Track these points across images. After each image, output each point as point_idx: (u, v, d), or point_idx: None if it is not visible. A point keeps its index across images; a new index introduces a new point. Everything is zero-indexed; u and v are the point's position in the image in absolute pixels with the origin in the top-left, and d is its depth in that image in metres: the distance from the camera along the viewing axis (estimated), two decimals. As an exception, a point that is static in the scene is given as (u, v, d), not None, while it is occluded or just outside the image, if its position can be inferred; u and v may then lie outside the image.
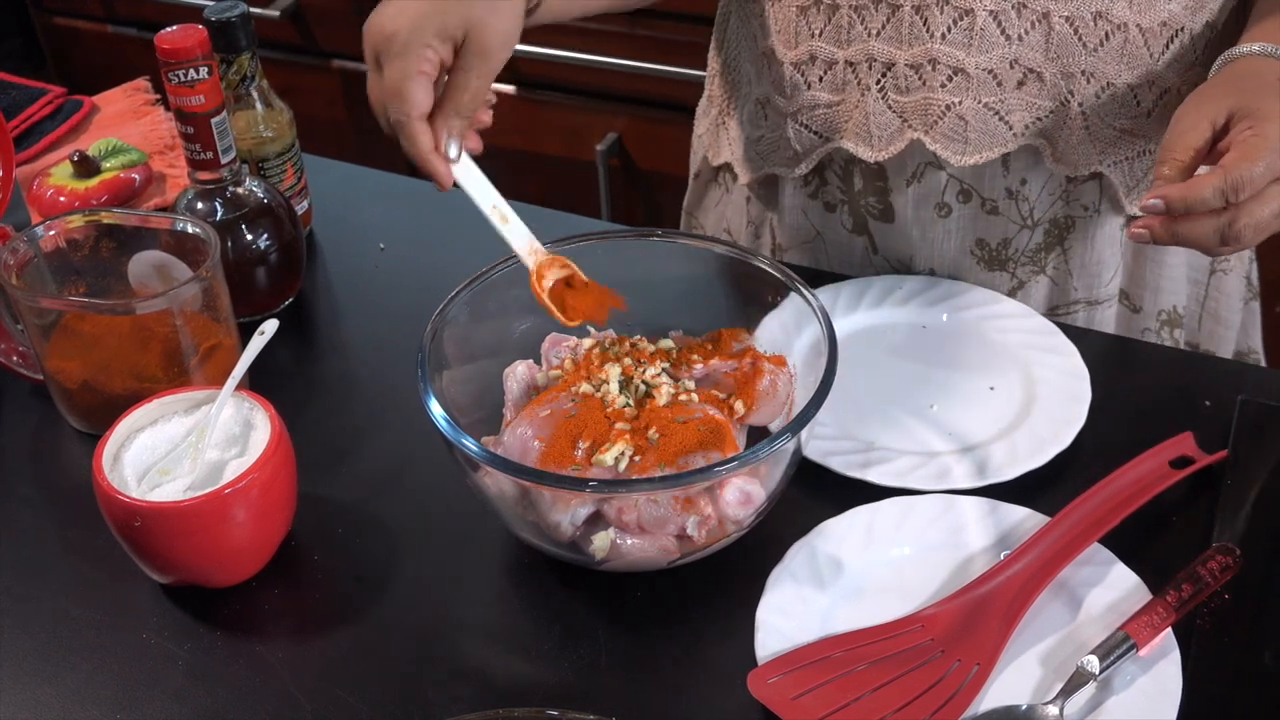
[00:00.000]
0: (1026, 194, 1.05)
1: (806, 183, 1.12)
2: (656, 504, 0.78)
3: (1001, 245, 1.07)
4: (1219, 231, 0.81)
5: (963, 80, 0.98)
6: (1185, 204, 0.81)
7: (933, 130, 1.00)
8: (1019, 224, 1.06)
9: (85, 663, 0.80)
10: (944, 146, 1.00)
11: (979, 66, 0.97)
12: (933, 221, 1.07)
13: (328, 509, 0.89)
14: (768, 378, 0.86)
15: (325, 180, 1.21)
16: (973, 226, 1.07)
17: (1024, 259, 1.08)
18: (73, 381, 0.94)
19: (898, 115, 1.01)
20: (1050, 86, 0.98)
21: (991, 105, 0.98)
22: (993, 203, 1.05)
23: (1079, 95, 0.98)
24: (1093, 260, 1.08)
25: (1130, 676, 0.75)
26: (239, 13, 1.04)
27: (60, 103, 1.28)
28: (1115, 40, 0.96)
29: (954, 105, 0.98)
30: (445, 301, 0.87)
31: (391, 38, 0.82)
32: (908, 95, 0.99)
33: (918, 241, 1.08)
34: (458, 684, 0.78)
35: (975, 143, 1.00)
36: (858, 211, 1.10)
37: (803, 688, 0.75)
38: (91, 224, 0.97)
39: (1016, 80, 0.97)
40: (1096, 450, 0.90)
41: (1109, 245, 1.08)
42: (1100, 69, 0.97)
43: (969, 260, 1.08)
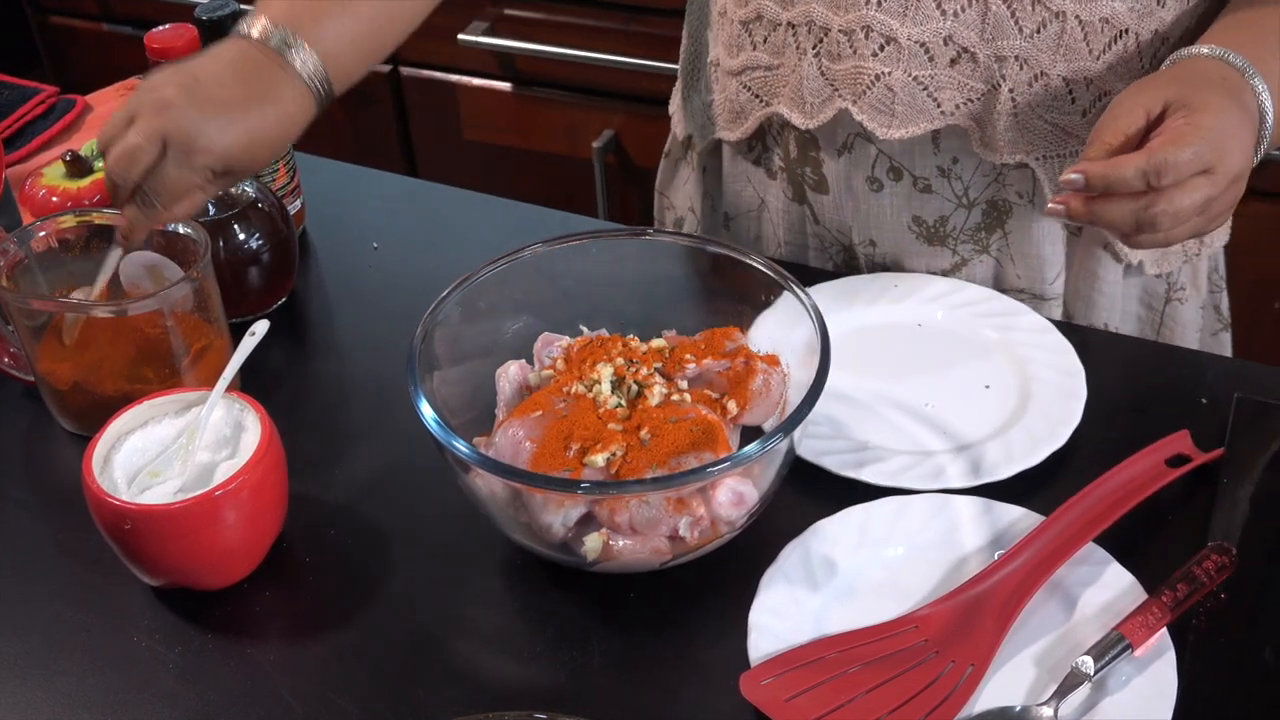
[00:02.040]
0: (959, 173, 1.04)
1: (750, 149, 1.13)
2: (648, 505, 0.78)
3: (939, 223, 1.07)
4: (1135, 215, 0.80)
5: (894, 50, 0.97)
6: (1105, 181, 0.80)
7: (860, 100, 1.00)
8: (954, 202, 1.05)
9: (76, 666, 0.80)
10: (870, 117, 1.00)
11: (911, 38, 0.96)
12: (865, 194, 1.07)
13: (319, 511, 0.89)
14: (761, 377, 0.86)
15: (318, 179, 1.21)
16: (907, 203, 1.06)
17: (964, 237, 1.07)
18: (64, 383, 0.94)
19: (829, 83, 1.01)
20: (983, 69, 0.97)
21: (921, 80, 0.98)
22: (925, 181, 1.05)
23: (1010, 81, 0.97)
24: (1032, 251, 1.07)
25: (1125, 677, 0.74)
26: (230, 11, 1.03)
27: (53, 102, 1.28)
28: (1052, 29, 0.95)
29: (883, 75, 0.98)
30: (436, 302, 0.86)
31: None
32: (839, 63, 1.00)
33: (853, 213, 1.08)
34: (450, 686, 0.78)
35: (902, 116, 0.99)
36: (796, 180, 1.10)
37: (796, 689, 0.74)
38: (83, 224, 0.97)
39: (949, 58, 0.97)
40: (1092, 449, 0.90)
41: (1048, 240, 1.06)
42: (1034, 56, 0.96)
43: (908, 235, 1.08)
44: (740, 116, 1.10)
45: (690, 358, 0.88)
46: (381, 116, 2.08)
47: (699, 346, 0.89)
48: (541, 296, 0.92)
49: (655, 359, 0.87)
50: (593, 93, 1.92)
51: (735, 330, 0.90)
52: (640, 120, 1.90)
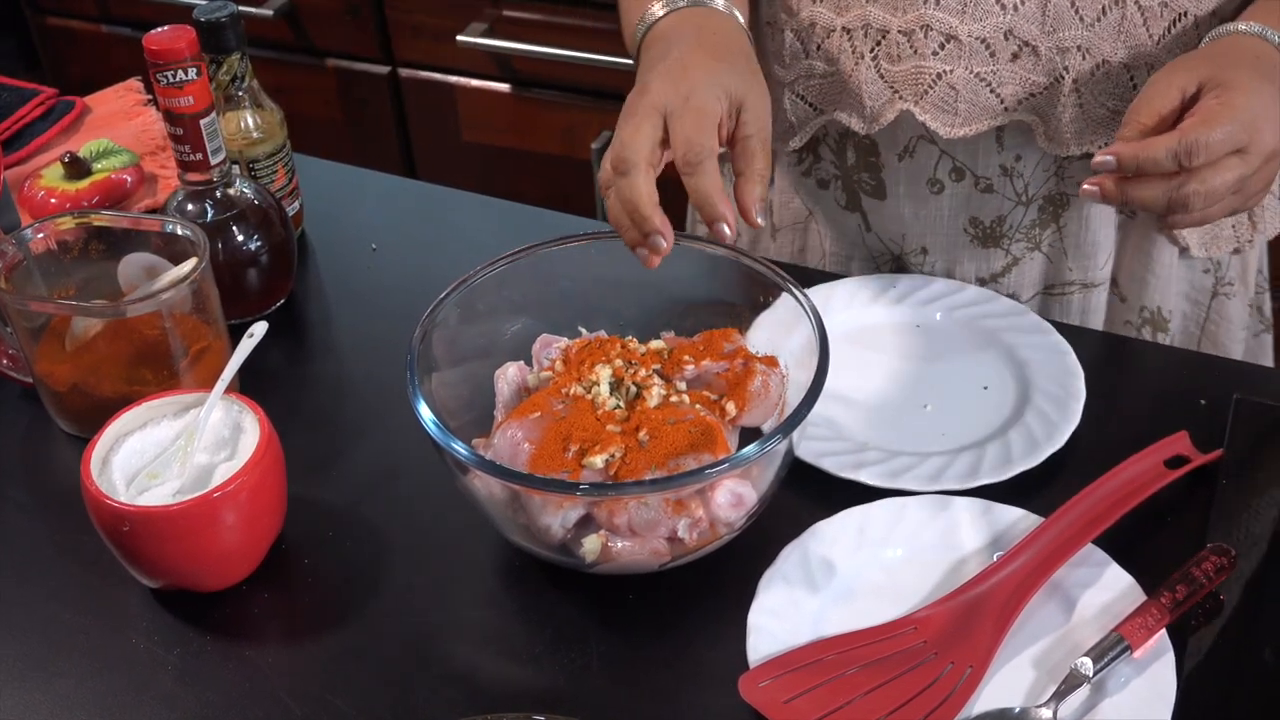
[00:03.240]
0: (1021, 170, 1.04)
1: (800, 160, 1.12)
2: (647, 507, 0.78)
3: (996, 222, 1.06)
4: (1167, 195, 0.80)
5: (955, 48, 0.97)
6: (1137, 162, 0.80)
7: (923, 100, 0.99)
8: (1014, 201, 1.05)
9: (75, 667, 0.80)
10: (933, 117, 0.99)
11: (971, 35, 0.96)
12: (925, 199, 1.06)
13: (318, 512, 0.89)
14: (759, 378, 0.86)
15: (317, 181, 1.20)
16: (966, 205, 1.06)
17: (1019, 235, 1.07)
18: (62, 385, 0.94)
19: (889, 85, 1.00)
20: (1045, 61, 0.97)
21: (983, 76, 0.97)
22: (987, 181, 1.04)
23: (1074, 71, 0.96)
24: (1088, 240, 1.07)
25: (1125, 678, 0.74)
26: (228, 13, 1.03)
27: (52, 104, 1.28)
28: (1113, 15, 0.95)
29: (945, 74, 0.97)
30: (434, 303, 0.86)
31: (686, 94, 0.82)
32: (899, 64, 0.99)
33: (910, 219, 1.07)
34: (448, 688, 0.78)
35: (965, 114, 0.99)
36: (851, 188, 1.09)
37: (794, 691, 0.74)
38: (82, 226, 0.97)
39: (1011, 52, 0.96)
40: (1091, 450, 0.89)
41: (1104, 225, 1.06)
42: (1096, 45, 0.96)
43: (963, 238, 1.07)
44: (794, 127, 1.08)
45: (689, 359, 0.88)
46: (380, 118, 2.08)
47: (698, 348, 0.89)
48: (540, 298, 0.92)
49: (654, 360, 0.87)
50: (591, 94, 1.92)
51: (734, 331, 0.90)
52: (639, 121, 1.90)
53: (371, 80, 2.05)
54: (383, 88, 2.04)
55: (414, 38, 1.98)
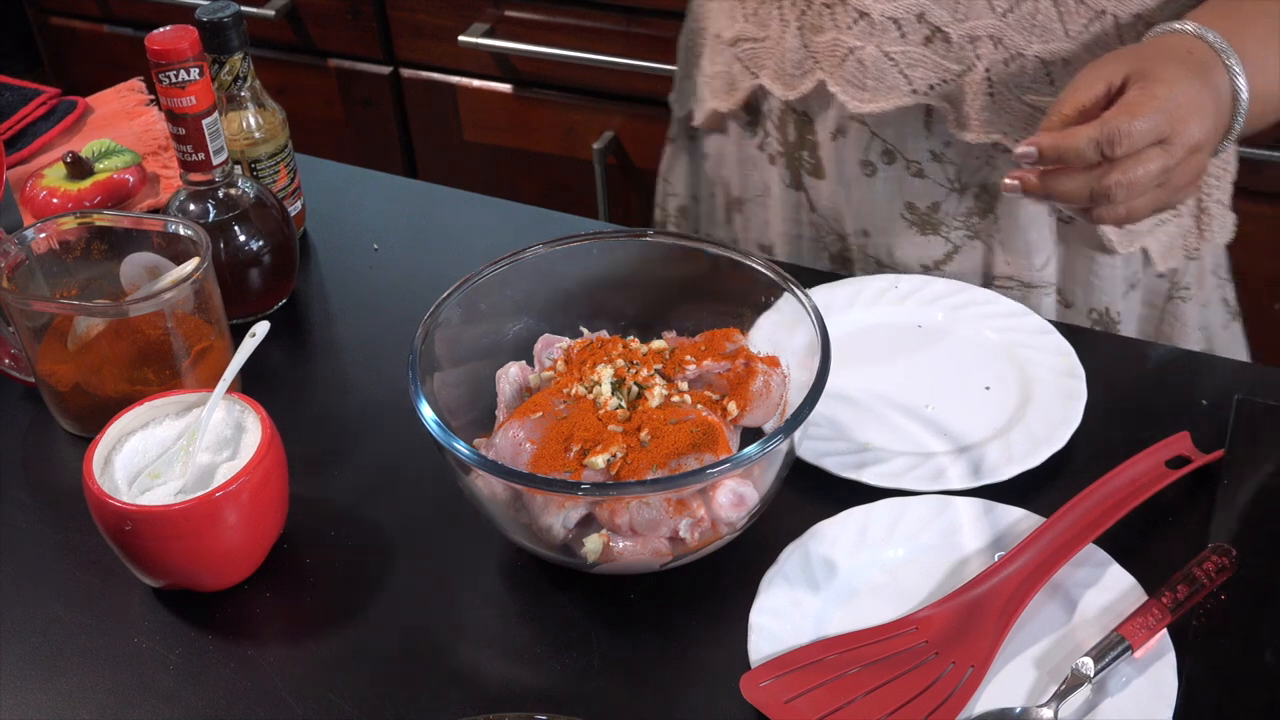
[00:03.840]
0: (952, 158, 1.04)
1: (754, 132, 1.13)
2: (649, 506, 0.78)
3: (931, 209, 1.07)
4: (1089, 187, 0.79)
5: (866, 25, 0.98)
6: (1058, 153, 0.79)
7: (836, 72, 1.01)
8: (946, 187, 1.05)
9: (76, 667, 0.80)
10: (843, 90, 1.01)
11: (883, 14, 0.97)
12: (859, 180, 1.07)
13: (320, 511, 0.89)
14: (761, 378, 0.86)
15: (319, 181, 1.20)
16: (900, 189, 1.06)
17: (956, 223, 1.07)
18: (64, 384, 0.94)
19: (810, 54, 1.02)
20: (956, 48, 0.97)
21: (892, 55, 0.99)
22: (917, 165, 1.05)
23: (985, 61, 0.97)
24: (1019, 238, 1.07)
25: (1125, 678, 0.74)
26: (231, 13, 1.03)
27: (54, 104, 1.28)
28: (1026, 7, 0.94)
29: (856, 49, 0.99)
30: (436, 303, 0.86)
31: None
32: (819, 35, 1.01)
33: (846, 201, 1.09)
34: (450, 687, 0.78)
35: (872, 90, 1.00)
36: (794, 165, 1.11)
37: (796, 691, 0.74)
38: (84, 226, 0.97)
39: (923, 36, 0.98)
40: (1092, 450, 0.90)
41: (1036, 226, 1.06)
42: (1009, 36, 0.96)
43: (901, 223, 1.08)
44: (732, 87, 1.11)
45: (690, 359, 0.88)
46: (382, 118, 2.08)
47: (699, 348, 0.89)
48: (542, 298, 0.92)
49: (655, 360, 0.87)
50: (592, 94, 1.92)
51: (735, 331, 0.90)
52: (640, 121, 1.90)
53: (373, 80, 2.05)
54: (384, 88, 2.04)
55: (415, 38, 1.98)
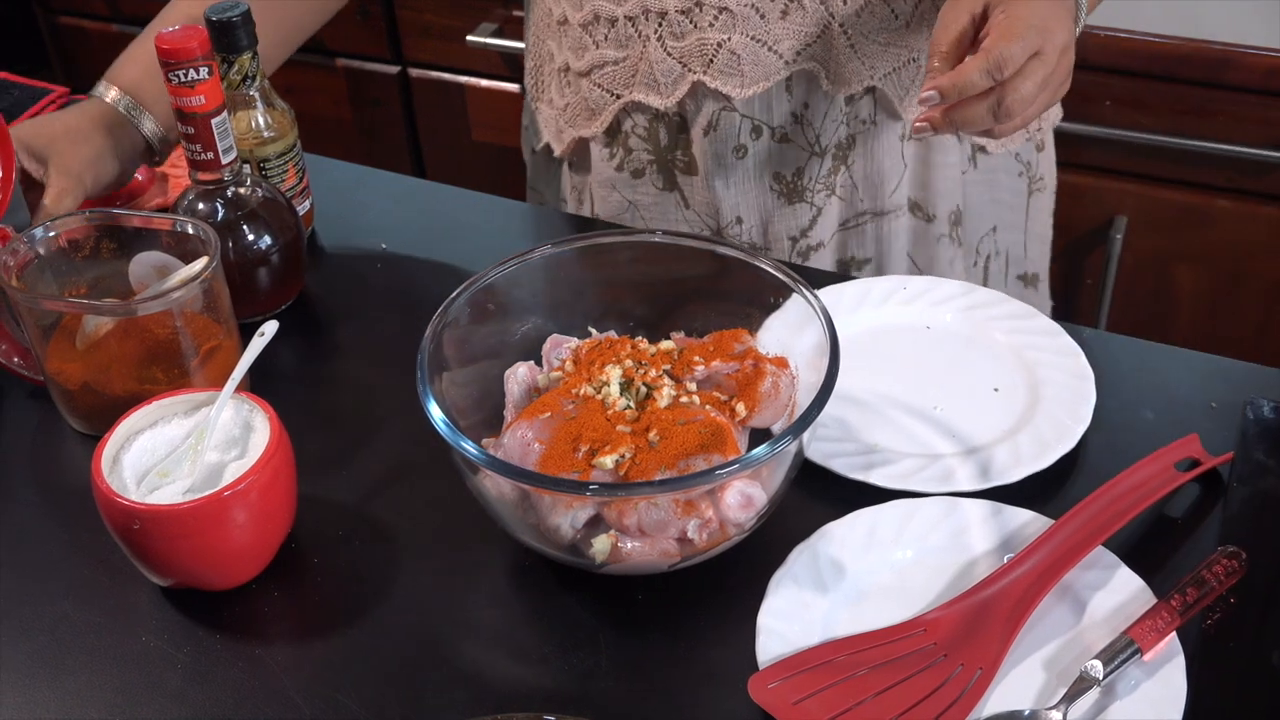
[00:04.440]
0: (811, 118, 1.11)
1: (611, 156, 1.18)
2: (657, 507, 0.78)
3: (796, 175, 1.14)
4: (990, 111, 0.87)
5: (728, 18, 1.07)
6: (957, 89, 0.87)
7: (710, 69, 1.08)
8: (808, 151, 1.13)
9: (84, 666, 0.80)
10: (723, 82, 1.09)
11: (741, 3, 1.06)
12: (732, 166, 1.13)
13: (328, 511, 0.89)
14: (769, 379, 0.86)
15: (327, 180, 1.21)
16: (768, 162, 1.13)
17: (819, 185, 1.15)
18: (73, 383, 0.94)
19: (678, 61, 1.09)
20: (811, 13, 1.05)
21: (759, 38, 1.06)
22: (781, 130, 1.12)
23: (838, 16, 1.06)
24: (874, 171, 1.15)
25: (1134, 681, 0.74)
26: (240, 12, 1.03)
27: (63, 103, 1.28)
28: None
29: (724, 42, 1.07)
30: (445, 303, 0.86)
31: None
32: (683, 40, 1.08)
33: (720, 190, 1.15)
34: (457, 688, 0.78)
35: (750, 75, 1.08)
36: (666, 168, 1.17)
37: (804, 692, 0.74)
38: (92, 225, 0.97)
39: (779, 11, 1.05)
40: (1101, 452, 0.89)
41: (889, 155, 1.15)
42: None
43: (770, 197, 1.15)
44: (595, 113, 1.16)
45: (699, 360, 0.88)
46: (390, 117, 2.08)
47: (708, 348, 0.89)
48: (550, 298, 0.92)
49: (664, 361, 0.87)
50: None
51: (744, 332, 0.90)
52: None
53: (382, 80, 2.05)
54: (393, 87, 2.05)
55: (424, 38, 1.99)
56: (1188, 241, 1.71)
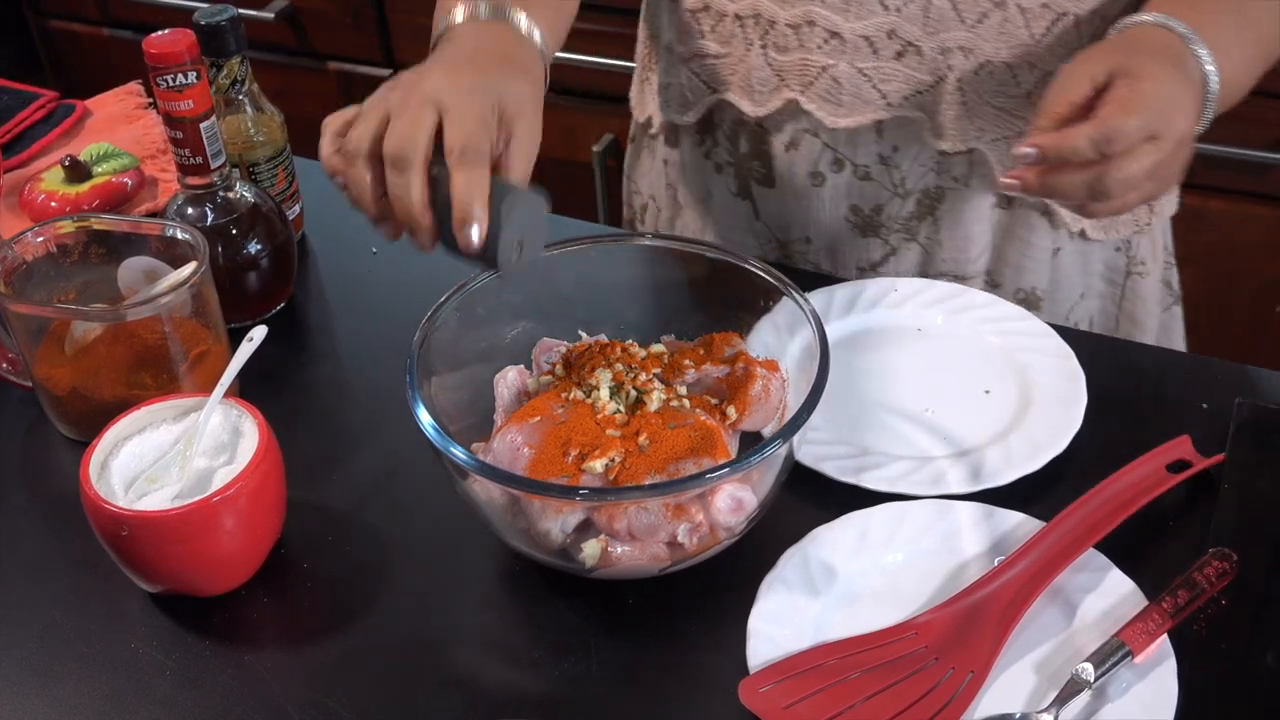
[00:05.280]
0: (898, 161, 1.07)
1: (701, 141, 1.15)
2: (647, 511, 0.77)
3: (874, 211, 1.09)
4: (1088, 184, 0.81)
5: (838, 44, 1.00)
6: (1058, 152, 0.80)
7: (808, 90, 1.03)
8: (890, 191, 1.08)
9: (73, 673, 0.80)
10: (819, 106, 1.04)
11: (855, 32, 1.00)
12: (807, 190, 1.09)
13: (318, 516, 0.89)
14: (760, 382, 0.86)
15: (317, 184, 1.20)
16: (846, 194, 1.09)
17: (896, 226, 1.10)
18: (61, 389, 0.94)
19: (776, 73, 1.04)
20: (928, 60, 1.00)
21: (866, 72, 1.01)
22: (865, 169, 1.07)
23: (957, 70, 1.00)
24: (960, 234, 1.10)
25: (1126, 684, 0.74)
26: (228, 16, 1.03)
27: (53, 107, 1.28)
28: (994, 18, 0.97)
29: (829, 68, 1.02)
30: (434, 307, 0.86)
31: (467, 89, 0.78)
32: (786, 55, 1.03)
33: (794, 208, 1.11)
34: (448, 693, 0.78)
35: (849, 105, 1.03)
36: (742, 175, 1.13)
37: (794, 696, 0.74)
38: (81, 230, 0.97)
39: (894, 51, 1.00)
40: (1093, 454, 0.89)
41: (977, 221, 1.09)
42: (979, 45, 0.98)
43: (844, 226, 1.11)
44: (690, 103, 1.12)
45: (689, 363, 0.87)
46: (382, 120, 2.08)
47: (698, 352, 0.89)
48: (540, 302, 0.92)
49: (654, 365, 0.87)
50: (592, 97, 1.92)
51: (734, 335, 0.90)
52: (641, 124, 1.90)
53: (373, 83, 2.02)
54: (384, 90, 2.04)
55: (416, 40, 1.98)
56: (1184, 242, 1.71)
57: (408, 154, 0.75)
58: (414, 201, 0.76)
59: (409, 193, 0.76)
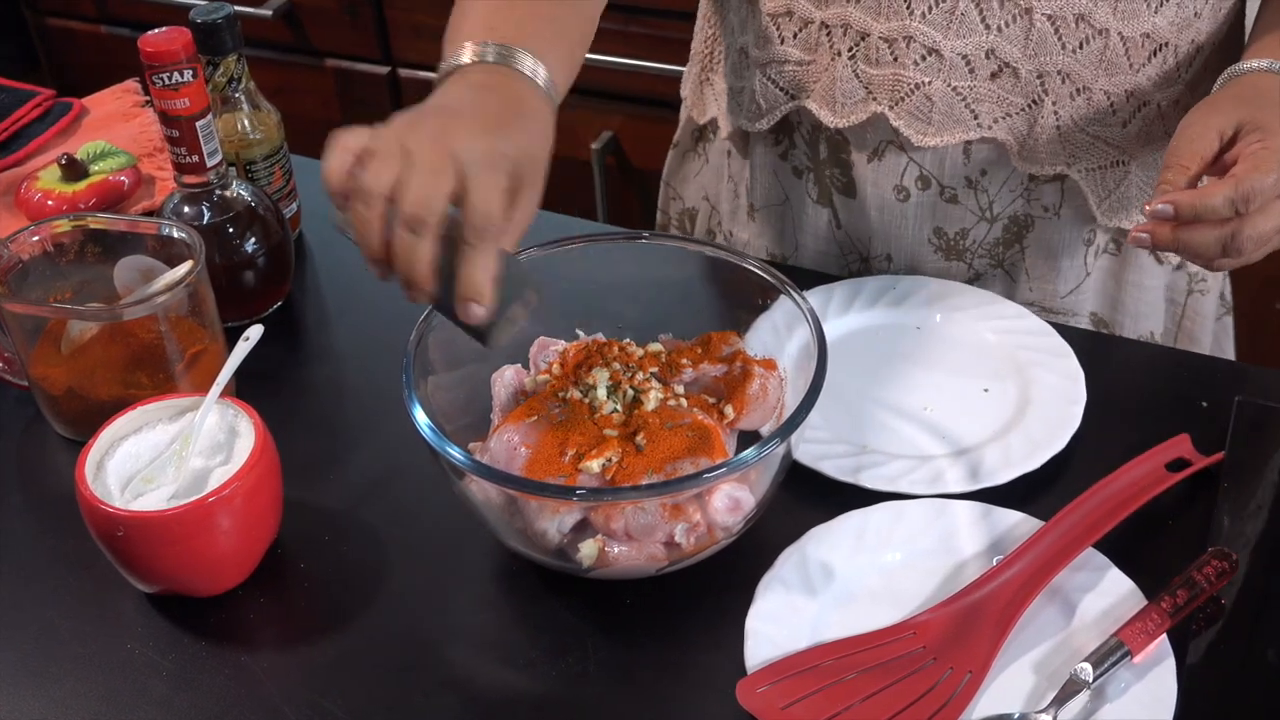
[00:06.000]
0: (986, 185, 1.04)
1: (778, 141, 1.12)
2: (644, 511, 0.77)
3: (959, 235, 1.07)
4: (1221, 241, 0.81)
5: (935, 61, 0.98)
6: (1195, 211, 0.81)
7: (898, 106, 1.00)
8: (977, 215, 1.06)
9: (69, 673, 0.80)
10: (907, 124, 1.01)
11: (954, 50, 0.97)
12: (891, 205, 1.07)
13: (314, 516, 0.88)
14: (758, 381, 0.85)
15: (315, 182, 1.18)
16: (931, 215, 1.07)
17: (981, 251, 1.08)
18: (58, 388, 0.93)
19: (863, 85, 1.01)
20: (1024, 83, 0.98)
21: (960, 91, 0.99)
22: (951, 191, 1.05)
23: (1053, 95, 0.98)
24: (1051, 265, 1.08)
25: (1125, 684, 0.74)
26: (225, 14, 1.03)
27: (49, 105, 1.27)
28: (1095, 45, 0.96)
29: (923, 85, 0.99)
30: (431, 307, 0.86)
31: (488, 153, 0.74)
32: (877, 68, 1.00)
33: (876, 223, 1.08)
34: (445, 694, 0.78)
35: (938, 125, 1.00)
36: (823, 182, 1.10)
37: (792, 697, 0.74)
38: (78, 228, 0.97)
39: (990, 71, 0.98)
40: (1091, 453, 0.89)
41: (1067, 254, 1.07)
42: (1077, 72, 0.97)
43: (926, 249, 1.08)
44: (764, 110, 1.09)
45: (687, 362, 0.87)
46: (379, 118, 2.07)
47: (696, 351, 0.88)
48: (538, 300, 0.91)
49: (652, 364, 0.87)
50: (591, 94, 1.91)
51: (732, 334, 0.90)
52: (639, 121, 1.90)
53: (371, 80, 2.04)
54: (382, 88, 2.04)
55: (414, 38, 1.98)
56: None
57: (424, 217, 0.72)
58: (420, 265, 0.72)
59: (416, 255, 0.72)
